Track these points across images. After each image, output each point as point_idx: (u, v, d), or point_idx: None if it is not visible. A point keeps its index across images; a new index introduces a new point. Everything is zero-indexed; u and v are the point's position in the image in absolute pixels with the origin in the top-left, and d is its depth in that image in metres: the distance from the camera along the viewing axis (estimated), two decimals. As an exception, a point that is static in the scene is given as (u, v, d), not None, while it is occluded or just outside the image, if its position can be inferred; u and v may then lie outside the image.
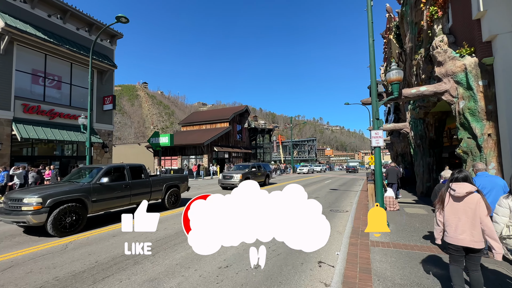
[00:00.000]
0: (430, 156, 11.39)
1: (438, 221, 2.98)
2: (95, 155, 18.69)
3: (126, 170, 6.74)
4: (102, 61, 18.26)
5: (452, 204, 2.84)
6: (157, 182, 7.78)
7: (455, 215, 2.79)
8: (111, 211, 8.27)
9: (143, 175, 7.23)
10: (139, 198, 6.88)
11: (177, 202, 8.70)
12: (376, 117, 6.41)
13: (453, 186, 2.85)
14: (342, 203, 10.46)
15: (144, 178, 7.22)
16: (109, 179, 6.03)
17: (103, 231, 6.28)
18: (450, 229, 2.81)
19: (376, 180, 6.33)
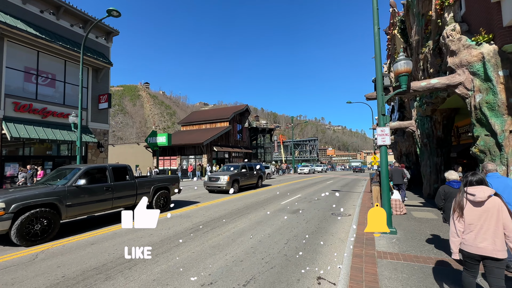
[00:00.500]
0: (437, 155, 10.76)
1: (457, 231, 2.64)
2: (90, 155, 18.23)
3: (108, 171, 6.20)
4: (96, 59, 17.77)
5: (471, 210, 2.59)
6: (144, 184, 7.27)
7: (475, 222, 2.55)
8: (95, 215, 7.76)
9: (128, 176, 6.68)
10: (123, 202, 6.34)
11: (166, 205, 8.17)
12: (382, 113, 5.81)
13: (470, 190, 2.62)
14: (345, 205, 9.86)
15: (129, 180, 6.68)
16: (88, 181, 5.50)
17: (83, 237, 5.75)
18: (469, 237, 2.57)
19: (382, 182, 5.74)
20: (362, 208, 8.83)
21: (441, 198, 4.14)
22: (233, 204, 10.12)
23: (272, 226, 6.67)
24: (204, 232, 6.15)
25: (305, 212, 8.56)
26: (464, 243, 2.60)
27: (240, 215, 8.10)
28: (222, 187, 12.61)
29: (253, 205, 9.92)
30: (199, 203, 10.36)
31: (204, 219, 7.48)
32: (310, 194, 13.31)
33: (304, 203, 10.30)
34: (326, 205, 9.83)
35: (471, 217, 2.58)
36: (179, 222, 7.12)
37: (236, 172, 13.75)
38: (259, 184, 15.82)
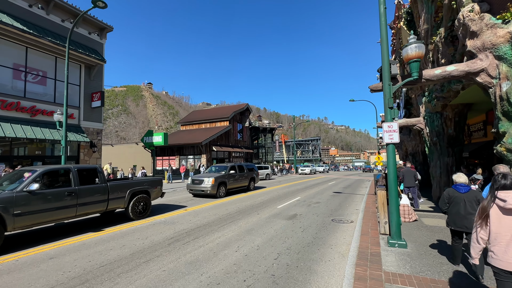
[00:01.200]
0: (448, 155, 9.87)
1: (479, 239, 2.41)
2: (83, 155, 17.61)
3: (72, 173, 5.45)
4: (89, 55, 17.14)
5: (500, 218, 2.28)
6: (118, 187, 6.51)
7: (504, 232, 2.24)
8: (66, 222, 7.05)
9: (97, 179, 5.94)
10: (91, 208, 5.58)
11: (145, 211, 7.41)
12: (389, 106, 4.99)
13: (501, 195, 2.28)
14: (346, 210, 9.03)
15: (98, 183, 5.94)
16: (44, 186, 4.79)
17: (45, 249, 5.03)
18: (499, 249, 2.25)
19: (390, 185, 4.92)
20: (366, 214, 8.00)
21: (444, 202, 3.96)
22: (225, 208, 9.35)
23: (264, 236, 5.88)
24: (184, 243, 5.38)
25: (302, 217, 7.76)
26: (493, 257, 2.28)
27: (230, 221, 7.33)
28: (206, 190, 11.29)
29: (247, 209, 9.14)
30: (187, 207, 9.61)
31: (189, 226, 6.72)
32: (310, 196, 12.48)
33: (303, 207, 9.49)
34: (326, 210, 9.00)
35: (499, 226, 2.27)
36: (160, 230, 6.37)
37: (223, 174, 12.36)
38: (251, 186, 14.46)
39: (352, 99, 26.74)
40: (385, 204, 5.62)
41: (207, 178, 11.46)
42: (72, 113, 17.03)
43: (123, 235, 5.97)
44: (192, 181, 11.96)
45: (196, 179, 11.77)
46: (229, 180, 12.37)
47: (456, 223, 3.81)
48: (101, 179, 5.98)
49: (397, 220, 4.79)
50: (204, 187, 11.34)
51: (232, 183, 12.68)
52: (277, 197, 12.15)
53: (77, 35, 17.49)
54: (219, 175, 12.00)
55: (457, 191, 3.86)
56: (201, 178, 11.67)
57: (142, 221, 7.30)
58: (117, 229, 6.53)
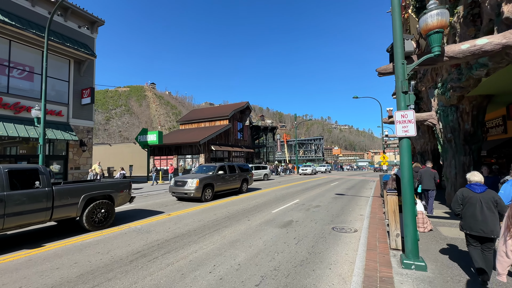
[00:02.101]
0: (465, 154, 8.77)
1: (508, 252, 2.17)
2: (72, 154, 16.81)
3: (0, 175, 4.45)
4: (77, 49, 16.31)
5: None
6: (68, 192, 5.49)
7: None
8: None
9: (38, 182, 5.03)
10: (26, 219, 4.50)
11: (106, 220, 6.34)
12: (404, 90, 3.97)
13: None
14: (349, 215, 7.99)
15: (39, 187, 5.00)
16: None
17: (-21, 267, 4.11)
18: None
19: (404, 190, 3.90)
20: (372, 221, 6.96)
21: (458, 203, 3.61)
22: (213, 213, 8.38)
23: (249, 249, 4.89)
24: (151, 259, 4.42)
25: (298, 225, 6.75)
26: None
27: (214, 229, 6.36)
28: (189, 193, 10.02)
29: (238, 214, 8.16)
30: (171, 212, 8.67)
31: (164, 236, 5.76)
32: (310, 199, 11.45)
33: (300, 212, 8.47)
34: (327, 215, 7.98)
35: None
36: (130, 241, 5.43)
37: (210, 175, 10.97)
38: (243, 188, 13.15)
39: (355, 96, 25.61)
40: (396, 213, 4.59)
41: (190, 180, 10.18)
42: (61, 110, 16.23)
43: (83, 248, 5.03)
44: (174, 182, 10.71)
45: (179, 181, 10.51)
46: (217, 182, 11.10)
47: (472, 227, 3.40)
48: (43, 182, 4.96)
49: (413, 235, 3.76)
50: (187, 189, 10.08)
51: (221, 185, 11.45)
52: (274, 199, 11.14)
53: (65, 28, 16.69)
54: (205, 176, 10.75)
55: (472, 191, 3.48)
56: (184, 179, 10.41)
57: (114, 229, 6.37)
58: (80, 239, 5.60)
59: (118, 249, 4.93)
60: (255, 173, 21.61)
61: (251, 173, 13.66)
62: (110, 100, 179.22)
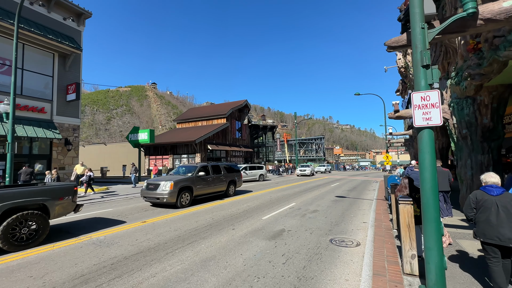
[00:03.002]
0: (483, 152, 7.69)
1: None
2: (56, 153, 15.87)
3: None
4: (60, 42, 15.34)
5: None
6: None
7: None
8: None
9: None
10: None
11: (37, 236, 5.00)
12: (424, 63, 2.92)
13: None
14: (351, 223, 6.94)
15: None
16: None
17: None
18: None
19: (426, 199, 2.86)
20: (377, 230, 5.91)
21: (471, 207, 3.27)
22: (195, 219, 7.36)
23: (224, 272, 3.87)
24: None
25: (290, 236, 5.71)
26: None
27: (190, 241, 5.34)
28: (162, 198, 8.59)
29: (223, 221, 7.14)
30: (146, 219, 7.66)
31: (126, 251, 4.75)
32: (307, 202, 10.41)
33: (295, 219, 7.43)
34: (325, 223, 6.93)
35: None
36: (80, 259, 4.42)
37: (189, 177, 9.52)
38: (230, 191, 11.61)
39: (357, 93, 24.53)
40: (411, 227, 3.54)
41: (164, 182, 8.76)
42: (43, 106, 15.29)
43: (16, 269, 4.03)
44: (146, 185, 9.25)
45: (151, 183, 9.08)
46: (197, 184, 9.68)
47: (486, 233, 3.04)
48: None
49: (439, 262, 2.72)
50: (160, 193, 8.62)
51: (202, 188, 9.99)
52: (267, 203, 10.10)
53: (49, 20, 15.74)
54: (182, 177, 9.34)
55: (487, 193, 3.16)
56: (156, 182, 8.99)
57: (71, 241, 5.38)
58: (19, 255, 4.60)
59: (59, 271, 3.92)
60: (250, 173, 20.51)
61: (240, 174, 12.41)
62: (111, 100, 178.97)
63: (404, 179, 4.26)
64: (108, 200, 11.37)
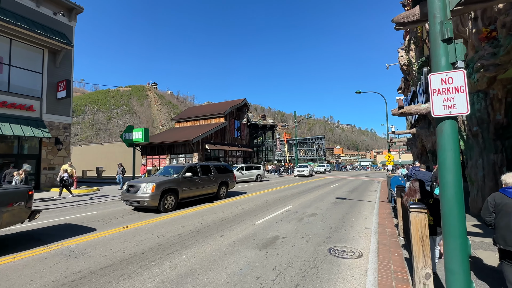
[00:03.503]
0: (496, 151, 7.08)
1: None
2: (45, 153, 15.31)
3: None
4: (50, 37, 14.77)
5: None
6: None
7: None
8: None
9: None
10: None
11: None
12: (446, 37, 2.30)
13: None
14: (352, 228, 6.34)
15: None
16: None
17: None
18: None
19: (447, 209, 2.24)
20: (381, 239, 5.30)
21: (489, 211, 2.87)
22: (182, 224, 6.77)
23: (201, 292, 3.26)
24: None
25: (284, 245, 5.11)
26: None
27: (171, 251, 4.75)
28: (142, 202, 7.76)
29: (212, 226, 6.55)
30: (129, 224, 7.06)
31: (94, 264, 4.16)
32: (305, 205, 9.80)
33: (291, 224, 6.83)
34: (323, 228, 6.33)
35: None
36: (38, 274, 3.83)
37: (174, 178, 8.68)
38: (222, 193, 10.86)
39: (358, 91, 23.86)
40: (425, 241, 2.92)
41: (145, 184, 7.93)
42: (32, 104, 14.74)
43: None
44: (127, 187, 8.43)
45: (132, 185, 8.24)
46: (183, 186, 8.84)
47: (507, 239, 2.67)
48: None
49: (467, 281, 2.10)
50: (140, 196, 7.77)
51: (189, 190, 9.16)
52: (262, 206, 9.50)
53: (38, 14, 15.17)
54: (166, 179, 8.52)
55: (508, 196, 2.77)
56: (137, 183, 8.16)
57: (38, 250, 4.79)
58: (-26, 269, 4.01)
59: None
60: (246, 174, 19.85)
61: (232, 174, 11.71)
62: (112, 100, 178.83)
63: (414, 182, 3.65)
64: (96, 202, 10.79)
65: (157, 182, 8.04)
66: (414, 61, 16.24)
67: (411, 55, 17.36)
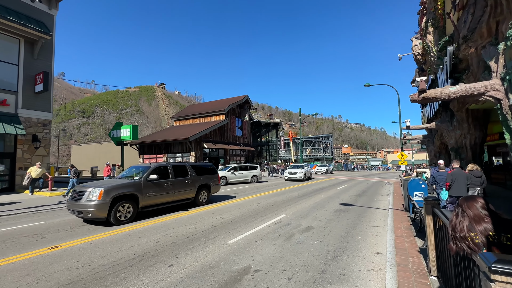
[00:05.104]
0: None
1: None
2: (21, 151, 14.08)
3: None
4: (25, 25, 13.50)
5: None
6: None
7: None
8: None
9: None
10: None
11: None
12: None
13: None
14: (358, 254, 4.55)
15: None
16: None
17: None
18: None
19: None
20: (402, 279, 3.48)
21: None
22: (129, 244, 5.13)
23: None
24: None
25: (254, 286, 3.38)
26: None
27: None
28: (87, 212, 6.18)
29: (169, 247, 4.90)
30: (61, 242, 5.49)
31: None
32: (302, 213, 8.02)
33: (275, 245, 5.08)
34: (318, 253, 4.55)
35: None
36: None
37: (134, 181, 7.09)
38: (201, 199, 9.17)
39: (367, 84, 21.75)
40: None
41: (91, 189, 6.35)
42: (5, 98, 13.49)
43: None
44: (72, 194, 6.82)
45: (76, 191, 6.65)
46: (146, 192, 7.13)
47: None
48: None
49: None
50: (83, 205, 6.18)
51: (155, 196, 7.44)
52: (248, 215, 7.78)
53: (13, 1, 13.93)
54: (122, 183, 6.87)
55: None
56: (82, 188, 6.56)
57: None
58: None
59: None
60: (240, 174, 18.09)
61: (216, 176, 9.96)
62: (121, 100, 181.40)
63: (477, 201, 1.84)
64: (60, 208, 9.34)
65: (106, 187, 6.40)
66: (432, 46, 14.13)
67: (428, 39, 15.23)
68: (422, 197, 7.61)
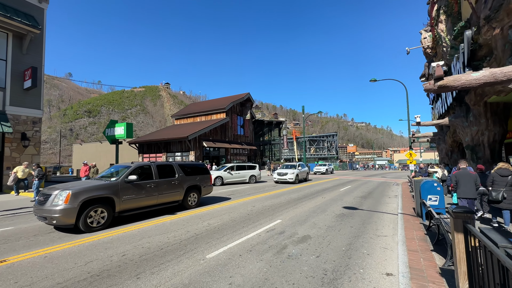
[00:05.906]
0: None
1: None
2: (9, 150, 13.52)
3: None
4: (13, 18, 12.91)
5: None
6: None
7: None
8: None
9: None
10: None
11: None
12: None
13: None
14: (362, 277, 3.67)
15: None
16: None
17: None
18: None
19: None
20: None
21: None
22: (90, 258, 4.34)
23: None
24: None
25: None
26: None
27: None
28: (51, 218, 5.40)
29: (134, 263, 4.10)
30: (15, 254, 4.73)
31: None
32: (299, 218, 7.14)
33: (262, 261, 4.23)
34: (312, 274, 3.68)
35: None
36: None
37: (110, 183, 6.30)
38: (190, 202, 8.39)
39: (373, 79, 20.67)
40: None
41: (57, 192, 5.61)
42: None
43: None
44: (38, 197, 6.03)
45: (43, 194, 5.87)
46: (124, 194, 6.36)
47: None
48: None
49: None
50: (48, 210, 5.41)
51: (135, 199, 6.64)
52: (239, 220, 6.94)
53: (-1, -6, 13.34)
54: (94, 185, 6.05)
55: None
56: (49, 192, 5.77)
57: None
58: None
59: None
60: (237, 174, 17.25)
61: (207, 177, 9.13)
62: (126, 100, 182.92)
63: None
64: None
65: (75, 189, 5.62)
66: (445, 35, 13.02)
67: (440, 28, 14.11)
68: (437, 201, 6.67)
